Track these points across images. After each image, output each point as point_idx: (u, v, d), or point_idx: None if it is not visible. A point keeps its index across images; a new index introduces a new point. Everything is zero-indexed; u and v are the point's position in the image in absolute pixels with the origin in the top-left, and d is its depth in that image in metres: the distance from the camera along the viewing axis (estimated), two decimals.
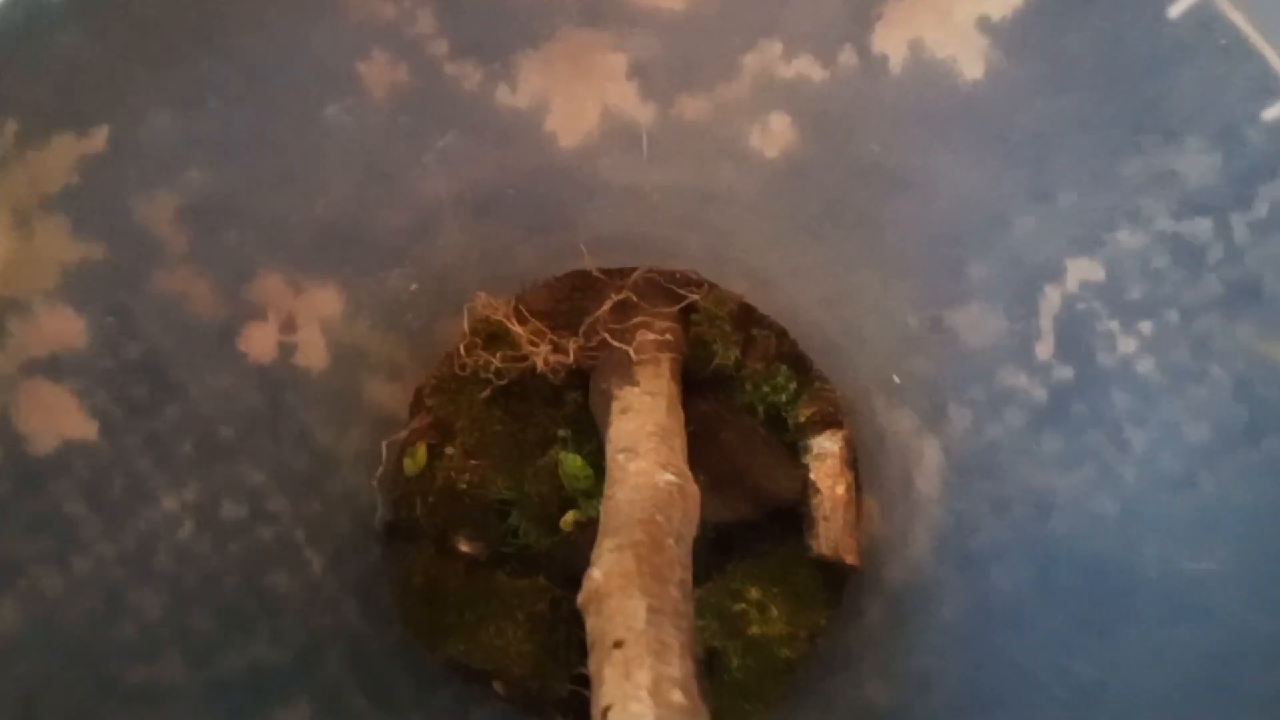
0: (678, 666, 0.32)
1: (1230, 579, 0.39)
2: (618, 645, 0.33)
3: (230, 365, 0.44)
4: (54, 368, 0.41)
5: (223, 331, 0.44)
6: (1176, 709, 0.39)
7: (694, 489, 0.42)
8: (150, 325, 0.43)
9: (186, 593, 0.42)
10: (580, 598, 0.36)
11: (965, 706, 0.42)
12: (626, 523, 0.38)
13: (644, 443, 0.42)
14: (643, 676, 0.31)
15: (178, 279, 0.43)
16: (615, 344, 0.47)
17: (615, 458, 0.42)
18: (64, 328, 0.42)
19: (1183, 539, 0.40)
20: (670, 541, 0.37)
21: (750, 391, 0.51)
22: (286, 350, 0.46)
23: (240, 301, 0.44)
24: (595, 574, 0.36)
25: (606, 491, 0.41)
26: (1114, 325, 0.42)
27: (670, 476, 0.41)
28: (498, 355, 0.48)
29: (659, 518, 0.38)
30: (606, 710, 0.31)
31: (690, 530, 0.40)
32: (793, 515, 0.51)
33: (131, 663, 0.41)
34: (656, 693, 0.31)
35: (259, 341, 0.45)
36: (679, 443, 0.44)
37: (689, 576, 0.37)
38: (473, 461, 0.50)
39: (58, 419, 0.42)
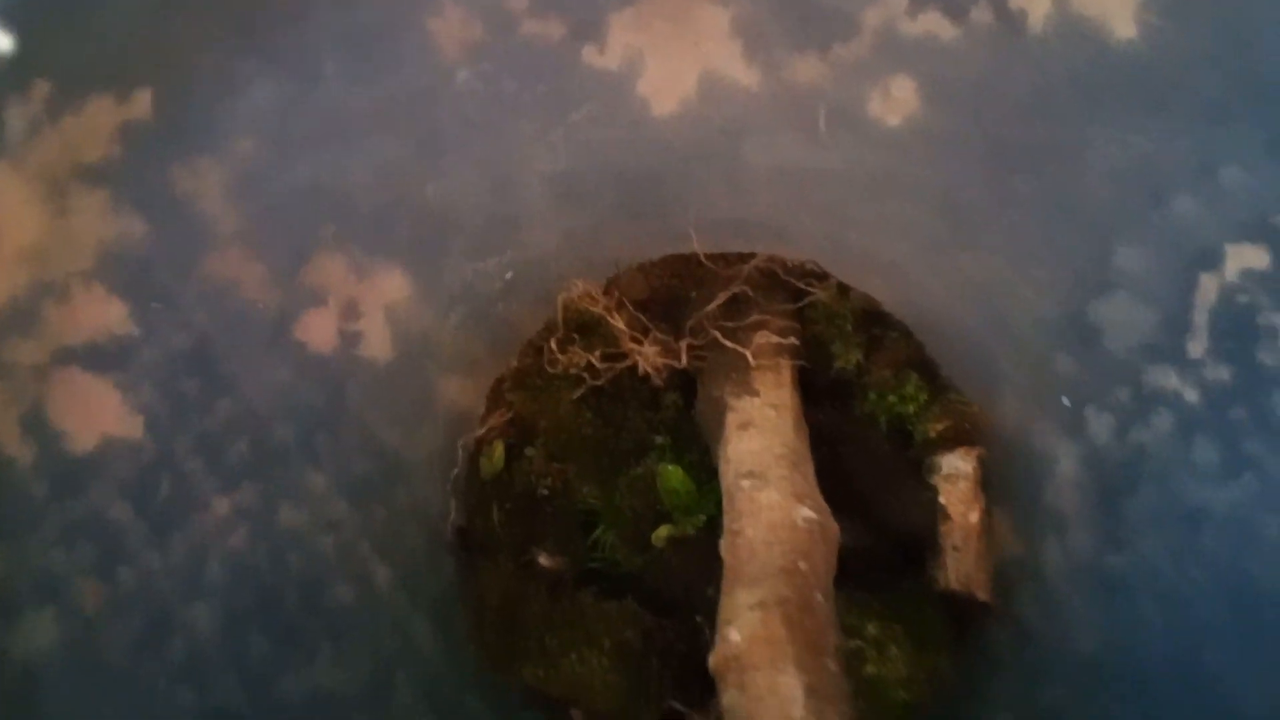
0: None
1: None
2: None
3: (287, 357, 0.42)
4: (92, 358, 0.39)
5: (279, 319, 0.41)
6: None
7: (834, 527, 0.38)
8: (199, 311, 0.40)
9: (241, 609, 0.40)
10: (714, 661, 0.33)
11: None
12: (765, 571, 0.34)
13: (773, 468, 0.38)
14: None
15: (229, 260, 0.40)
16: (729, 345, 0.42)
17: (739, 484, 0.38)
18: (103, 314, 0.40)
19: None
20: (819, 598, 0.33)
21: (873, 401, 0.47)
22: (349, 340, 0.43)
23: (298, 286, 0.41)
24: (734, 636, 0.32)
25: (731, 524, 0.37)
26: (1278, 319, 0.38)
27: (809, 513, 0.37)
28: (596, 353, 0.44)
29: (802, 565, 0.34)
30: None
31: (833, 577, 0.36)
32: (916, 543, 0.47)
33: (180, 687, 0.38)
34: None
35: (319, 330, 0.42)
36: (810, 469, 0.40)
37: (841, 640, 0.33)
38: (556, 465, 0.47)
39: (98, 414, 0.39)
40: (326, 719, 0.40)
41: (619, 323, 0.43)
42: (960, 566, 0.44)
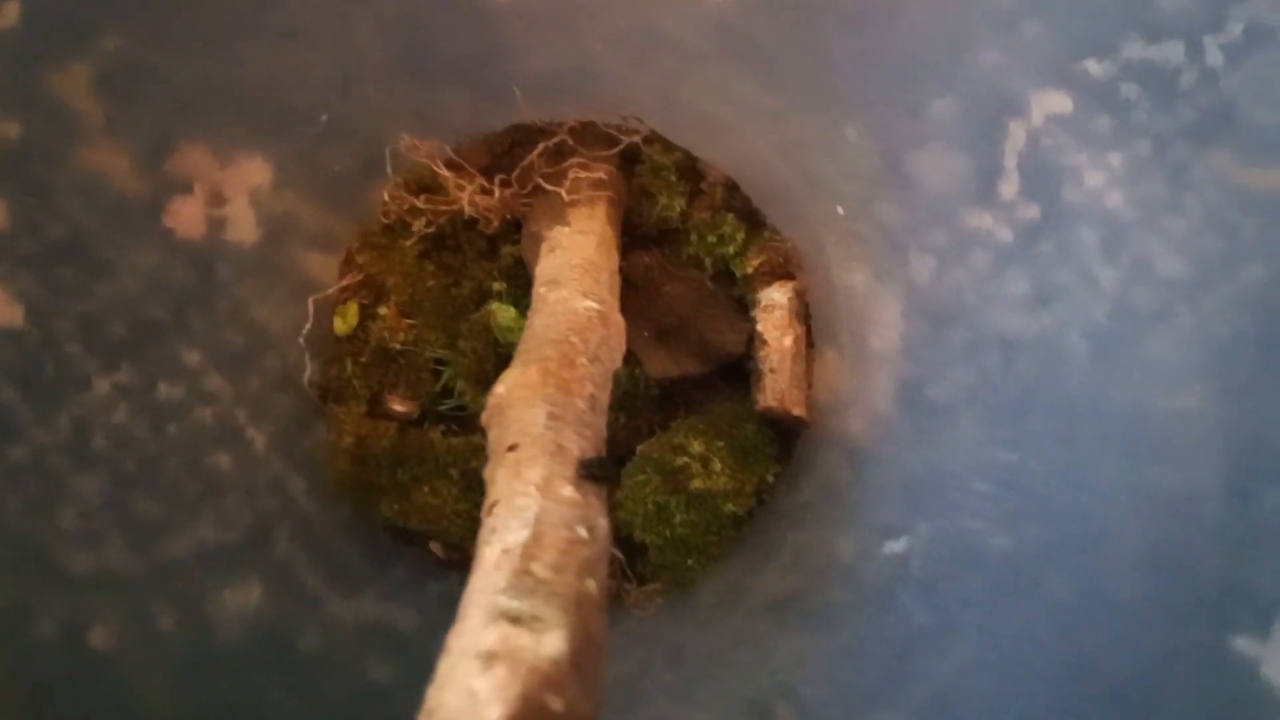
0: (573, 466, 0.32)
1: (1209, 415, 0.39)
2: (512, 449, 0.32)
3: (158, 242, 0.45)
4: None
5: (148, 207, 0.45)
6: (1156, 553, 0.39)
7: (618, 319, 0.42)
8: (72, 203, 0.43)
9: (126, 477, 0.43)
10: (484, 416, 0.36)
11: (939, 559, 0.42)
12: (538, 344, 0.37)
13: (567, 274, 0.42)
14: (533, 474, 0.31)
15: (98, 154, 0.43)
16: (548, 187, 0.46)
17: (538, 291, 0.42)
18: None
19: (1158, 376, 0.39)
20: (583, 360, 0.37)
21: (696, 243, 0.51)
22: (215, 224, 0.46)
23: (164, 175, 0.44)
24: (499, 389, 0.36)
25: (526, 323, 0.41)
26: (1082, 159, 0.41)
27: (591, 303, 0.41)
28: (421, 198, 0.47)
29: (574, 339, 0.38)
30: (493, 505, 0.31)
31: (610, 357, 0.40)
32: (741, 370, 0.51)
33: (75, 550, 0.43)
34: (546, 488, 0.31)
35: (186, 216, 0.45)
36: (607, 277, 0.44)
37: (605, 396, 0.38)
38: (407, 321, 0.51)
39: None
40: (211, 572, 0.43)
41: (442, 169, 0.46)
42: (777, 385, 0.47)
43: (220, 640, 0.43)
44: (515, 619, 0.25)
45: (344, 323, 0.51)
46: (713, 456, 0.47)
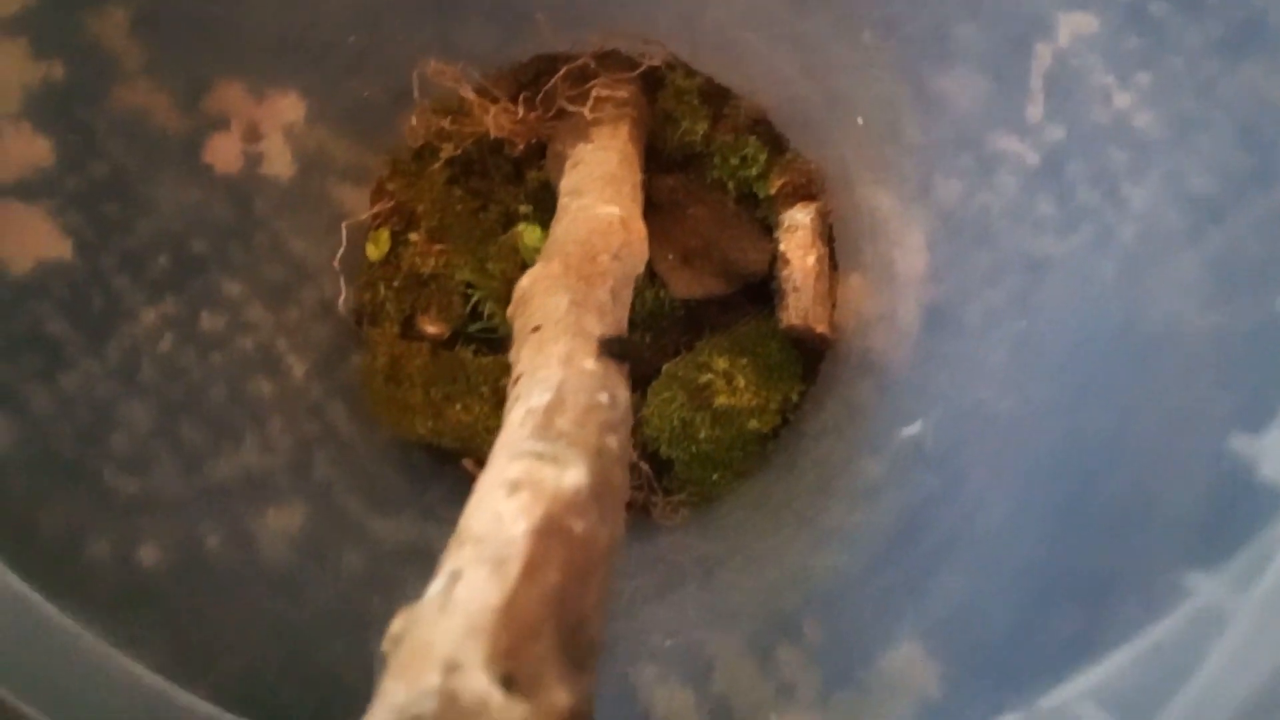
0: (594, 344, 0.33)
1: (1240, 330, 0.38)
2: (536, 330, 0.33)
3: (197, 178, 0.47)
4: (24, 189, 0.44)
5: (187, 144, 0.46)
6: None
7: (640, 226, 0.43)
8: (114, 141, 0.44)
9: (174, 404, 0.45)
10: (510, 309, 0.37)
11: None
12: (560, 245, 0.38)
13: (590, 184, 0.44)
14: (556, 349, 0.33)
15: (138, 93, 0.44)
16: (571, 109, 0.47)
17: (561, 202, 0.44)
18: (30, 149, 0.44)
19: (1191, 294, 0.39)
20: (604, 257, 0.38)
21: (719, 165, 0.52)
22: (252, 160, 0.47)
23: (201, 112, 0.46)
24: (523, 283, 0.38)
25: (550, 231, 0.42)
26: (1109, 79, 0.41)
27: (613, 209, 0.42)
28: (447, 119, 0.48)
29: (595, 240, 0.39)
30: (518, 379, 0.32)
31: (632, 260, 0.41)
32: (765, 291, 0.52)
33: (125, 475, 0.44)
34: (568, 361, 0.32)
35: (224, 152, 0.47)
36: (629, 189, 0.46)
37: (626, 294, 0.39)
38: (437, 246, 0.52)
39: (32, 240, 0.44)
40: (255, 494, 0.45)
41: (468, 92, 0.47)
42: (800, 303, 0.49)
43: (264, 560, 0.45)
44: (539, 456, 0.27)
45: (376, 249, 0.53)
46: (737, 374, 0.48)
